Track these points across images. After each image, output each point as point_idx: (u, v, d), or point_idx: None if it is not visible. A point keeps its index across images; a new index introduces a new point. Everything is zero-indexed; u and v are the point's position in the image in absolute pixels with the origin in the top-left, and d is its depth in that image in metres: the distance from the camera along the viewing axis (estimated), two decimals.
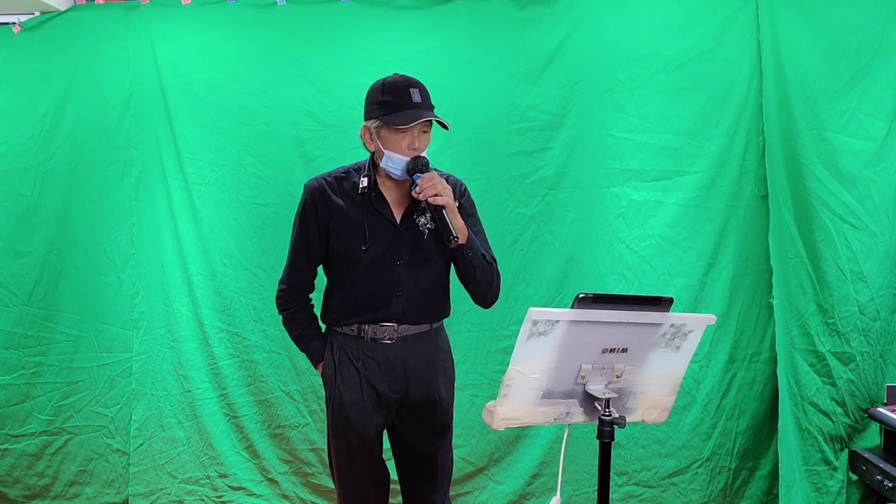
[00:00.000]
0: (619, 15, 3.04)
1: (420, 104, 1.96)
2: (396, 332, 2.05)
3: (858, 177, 2.90)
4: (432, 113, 1.97)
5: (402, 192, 2.06)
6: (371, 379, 2.05)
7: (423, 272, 2.06)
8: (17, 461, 3.28)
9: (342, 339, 2.09)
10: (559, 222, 3.08)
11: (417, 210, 2.06)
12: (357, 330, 2.06)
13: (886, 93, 2.90)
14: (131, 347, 3.23)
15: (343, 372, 2.07)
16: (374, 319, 2.04)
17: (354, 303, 2.05)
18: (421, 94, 1.98)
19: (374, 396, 2.06)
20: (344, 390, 2.06)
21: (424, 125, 1.98)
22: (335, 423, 2.09)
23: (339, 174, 2.11)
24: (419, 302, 2.05)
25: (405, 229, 2.04)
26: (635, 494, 3.07)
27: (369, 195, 2.04)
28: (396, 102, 1.96)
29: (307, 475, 3.19)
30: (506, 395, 1.63)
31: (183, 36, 3.20)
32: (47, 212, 3.24)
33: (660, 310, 1.66)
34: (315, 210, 2.06)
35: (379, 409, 2.07)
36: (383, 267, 2.03)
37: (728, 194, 3.01)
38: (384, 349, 2.05)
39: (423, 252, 2.05)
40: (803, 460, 2.97)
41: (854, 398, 2.95)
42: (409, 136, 1.97)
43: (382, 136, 1.99)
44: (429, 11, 3.12)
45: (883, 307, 2.92)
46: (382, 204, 2.05)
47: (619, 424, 1.65)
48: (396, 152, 1.97)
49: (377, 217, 2.04)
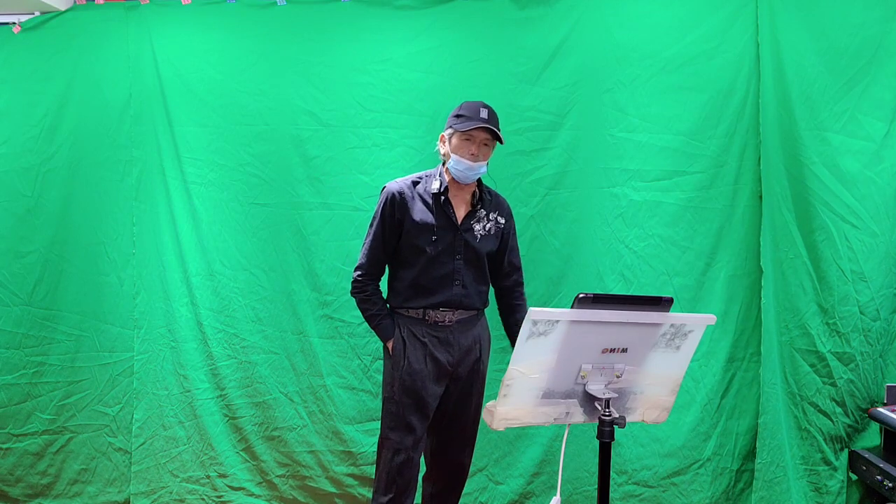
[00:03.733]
0: (619, 15, 3.04)
1: (486, 120, 2.37)
2: (454, 316, 2.46)
3: (859, 177, 2.90)
4: (488, 122, 2.36)
5: (465, 199, 2.49)
6: (435, 352, 2.45)
7: (475, 267, 2.48)
8: (19, 460, 3.28)
9: (408, 320, 2.48)
10: (559, 222, 3.08)
11: (475, 217, 2.47)
12: (422, 314, 2.45)
13: (886, 93, 2.90)
14: (132, 347, 3.23)
15: (411, 346, 2.46)
16: (436, 305, 2.43)
17: (420, 288, 2.44)
18: (489, 114, 2.39)
19: (435, 367, 2.46)
20: (413, 361, 2.45)
21: (487, 139, 2.39)
22: (402, 386, 2.45)
23: (414, 179, 2.50)
24: (471, 291, 2.47)
25: (464, 230, 2.45)
26: (635, 494, 3.07)
27: (440, 197, 2.44)
28: (467, 116, 2.39)
29: (305, 478, 3.19)
30: (506, 395, 1.63)
31: (183, 36, 3.20)
32: (48, 212, 3.25)
33: (660, 310, 1.67)
34: (392, 208, 2.43)
35: (437, 380, 2.47)
36: (445, 259, 2.43)
37: (727, 194, 3.02)
38: (444, 330, 2.46)
39: (476, 251, 2.47)
40: (803, 460, 2.98)
41: (854, 398, 2.95)
42: (473, 144, 2.38)
43: (453, 143, 2.41)
44: (429, 11, 3.12)
45: (883, 307, 2.92)
46: (449, 206, 2.45)
47: (618, 424, 1.65)
48: (460, 157, 2.38)
49: (444, 216, 2.44)
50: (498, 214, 2.53)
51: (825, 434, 2.96)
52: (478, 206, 2.47)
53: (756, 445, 2.95)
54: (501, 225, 2.54)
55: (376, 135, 3.12)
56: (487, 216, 2.50)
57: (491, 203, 2.53)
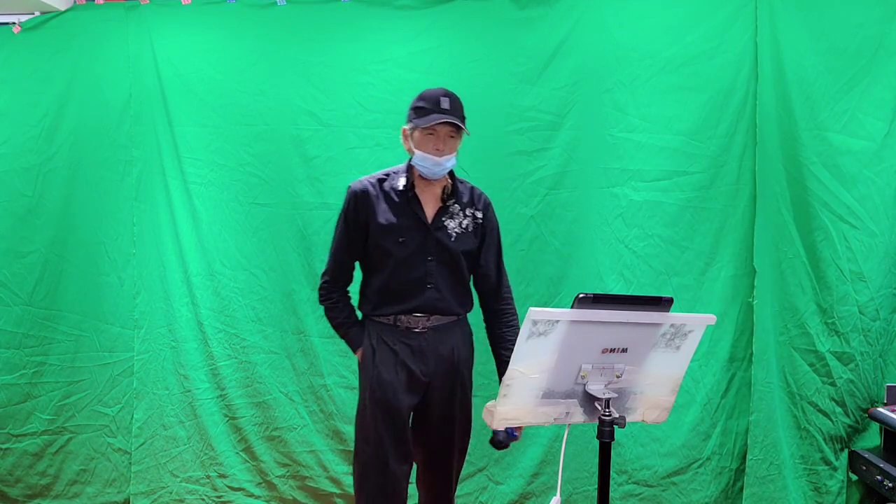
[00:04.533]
0: (619, 15, 3.04)
1: (447, 111, 2.17)
2: (428, 322, 2.26)
3: (858, 177, 2.90)
4: (454, 117, 2.16)
5: (435, 194, 2.28)
6: (406, 361, 2.25)
7: (451, 268, 2.27)
8: (18, 460, 3.28)
9: (379, 327, 2.29)
10: (559, 222, 3.08)
11: (447, 214, 2.27)
12: (393, 320, 2.26)
13: (886, 93, 2.90)
14: (132, 347, 3.23)
15: (381, 354, 2.27)
16: (408, 310, 2.24)
17: (391, 293, 2.26)
18: (451, 103, 2.19)
19: (407, 377, 2.25)
20: (382, 370, 2.25)
21: (452, 131, 2.19)
22: (372, 398, 2.26)
23: (380, 176, 2.31)
24: (447, 295, 2.27)
25: (435, 229, 2.25)
26: (635, 493, 3.07)
27: (406, 194, 2.25)
28: (427, 108, 2.18)
29: (304, 478, 3.19)
30: (506, 395, 1.63)
31: (183, 36, 3.20)
32: (48, 212, 3.25)
33: (660, 310, 1.66)
34: (356, 209, 2.26)
35: (409, 391, 2.26)
36: (415, 262, 2.24)
37: (727, 194, 3.02)
38: (417, 337, 2.26)
39: (451, 251, 2.26)
40: (802, 459, 2.98)
41: (854, 398, 2.95)
42: (435, 138, 2.18)
43: (415, 138, 2.21)
44: (429, 11, 3.12)
45: (883, 307, 2.92)
46: (416, 204, 2.25)
47: (618, 424, 1.65)
48: (424, 152, 2.18)
49: (412, 215, 2.24)
50: (475, 209, 2.32)
51: (825, 434, 2.96)
52: (449, 201, 2.27)
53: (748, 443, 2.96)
54: (480, 220, 2.31)
55: (376, 135, 3.12)
56: (463, 212, 2.29)
57: (466, 197, 2.32)
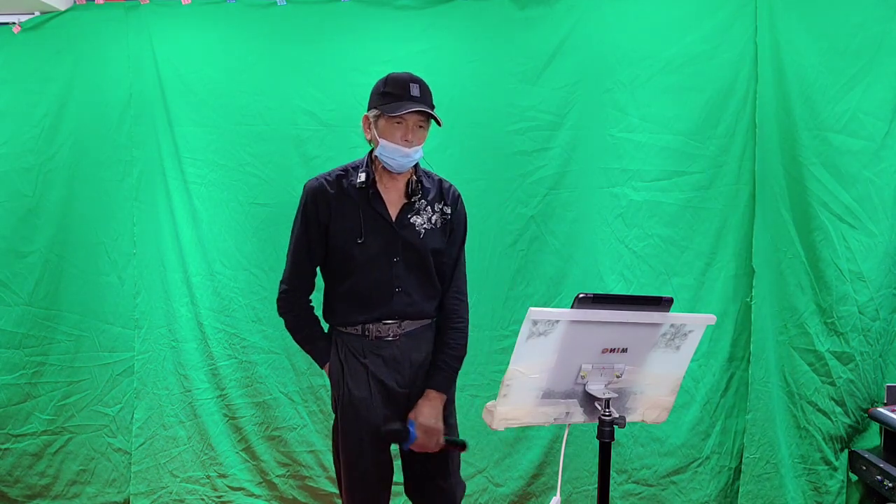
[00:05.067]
0: (619, 15, 3.04)
1: (417, 98, 2.00)
2: (399, 329, 2.08)
3: (858, 177, 2.90)
4: (425, 106, 2.00)
5: (399, 190, 2.11)
6: (378, 374, 2.07)
7: (421, 269, 2.10)
8: (18, 461, 3.28)
9: (346, 338, 2.11)
10: (559, 222, 3.08)
11: (413, 210, 2.09)
12: (361, 330, 2.08)
13: (886, 92, 2.90)
14: (132, 347, 3.23)
15: (350, 369, 2.09)
16: (377, 318, 2.07)
17: (356, 301, 2.08)
18: (421, 90, 2.03)
19: (382, 392, 2.07)
20: (353, 387, 2.07)
21: (421, 121, 2.03)
22: (344, 419, 2.09)
23: (338, 172, 2.14)
24: (417, 297, 2.09)
25: (401, 227, 2.08)
26: (635, 493, 3.07)
27: (367, 191, 2.07)
28: (395, 94, 2.01)
29: (305, 478, 3.19)
30: (506, 395, 1.63)
31: (183, 36, 3.20)
32: (48, 212, 3.24)
33: (660, 310, 1.66)
34: (315, 209, 2.08)
35: (388, 405, 2.08)
36: (380, 264, 2.06)
37: (727, 194, 3.02)
38: (389, 346, 2.08)
39: (419, 251, 2.08)
40: (801, 459, 2.98)
41: (854, 398, 2.95)
42: (404, 127, 2.01)
43: (380, 127, 2.04)
44: (429, 11, 3.12)
45: (882, 307, 2.92)
46: (378, 201, 2.08)
47: (618, 424, 1.65)
48: (391, 142, 2.01)
49: (373, 214, 2.07)
50: (444, 204, 2.13)
51: (824, 433, 2.96)
52: (415, 197, 2.09)
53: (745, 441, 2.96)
54: (448, 216, 2.13)
55: None
56: (430, 207, 2.11)
57: (433, 191, 2.13)
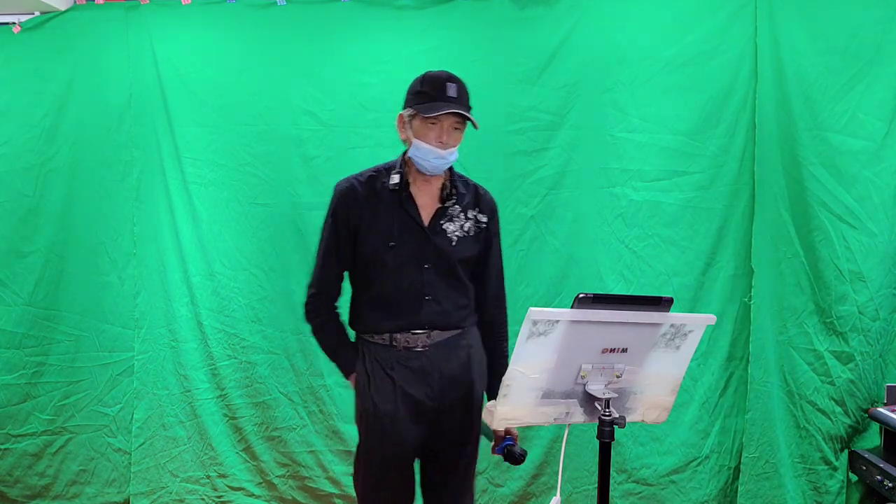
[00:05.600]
0: (619, 15, 3.04)
1: (454, 99, 1.93)
2: (429, 339, 1.99)
3: (857, 177, 2.90)
4: (462, 108, 1.93)
5: (433, 194, 2.03)
6: (407, 387, 1.97)
7: (451, 277, 2.01)
8: (17, 461, 3.28)
9: (373, 349, 2.02)
10: (559, 222, 3.08)
11: (446, 216, 2.02)
12: (389, 339, 1.99)
13: (886, 93, 2.90)
14: (132, 347, 3.23)
15: (377, 382, 1.99)
16: (405, 327, 1.98)
17: (384, 308, 2.00)
18: (458, 90, 1.95)
19: (410, 406, 1.98)
20: (378, 401, 1.98)
21: (457, 122, 1.95)
22: (369, 435, 2.00)
23: (370, 173, 2.05)
24: (448, 307, 2.01)
25: (433, 233, 1.99)
26: (635, 492, 3.07)
27: (399, 193, 1.99)
28: (431, 94, 1.93)
29: (304, 479, 3.19)
30: (506, 395, 1.63)
31: (183, 36, 3.20)
32: (49, 212, 3.24)
33: (660, 310, 1.66)
34: (346, 211, 2.01)
35: (414, 420, 1.98)
36: (410, 270, 1.98)
37: (727, 194, 3.02)
38: (418, 357, 1.98)
39: (451, 259, 2.00)
40: (801, 459, 2.98)
41: (854, 398, 2.95)
42: (439, 128, 1.93)
43: (414, 126, 1.96)
44: (429, 11, 3.12)
45: (882, 307, 2.92)
46: (411, 204, 2.00)
47: (619, 424, 1.65)
48: (425, 143, 1.94)
49: (406, 217, 1.99)
50: (478, 211, 2.06)
51: (824, 433, 2.96)
52: (449, 202, 2.02)
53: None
54: (484, 224, 2.06)
55: (376, 135, 3.12)
56: (464, 213, 2.03)
57: (468, 197, 2.06)
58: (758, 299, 2.95)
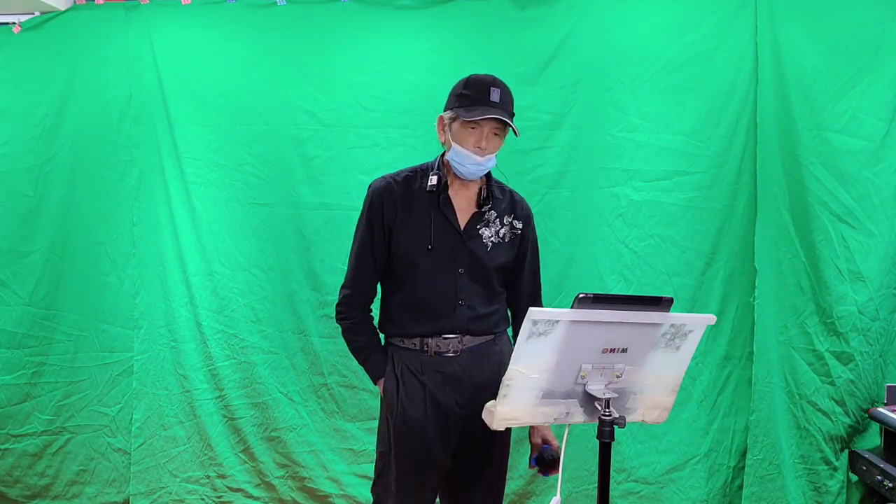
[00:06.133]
0: (619, 15, 3.04)
1: (496, 104, 1.89)
2: (461, 345, 1.97)
3: (857, 177, 2.90)
4: (504, 114, 1.89)
5: (469, 198, 2.01)
6: (437, 394, 1.95)
7: (485, 283, 2.00)
8: (17, 461, 3.28)
9: (403, 354, 2.00)
10: (559, 222, 3.08)
11: (482, 220, 2.00)
12: (420, 344, 1.97)
13: (886, 93, 2.89)
14: (132, 347, 3.23)
15: (407, 388, 1.97)
16: (437, 332, 1.96)
17: (415, 311, 1.97)
18: (501, 95, 1.91)
19: (438, 413, 1.96)
20: (408, 406, 1.96)
21: (497, 128, 1.91)
22: (398, 439, 1.97)
23: (406, 174, 2.03)
24: (482, 312, 1.99)
25: (468, 237, 1.98)
26: (634, 491, 3.07)
27: (437, 195, 1.97)
28: (473, 97, 1.89)
29: (303, 479, 3.18)
30: (506, 395, 1.63)
31: (183, 36, 3.20)
32: (49, 212, 3.24)
33: (660, 310, 1.66)
34: (381, 210, 1.98)
35: (443, 428, 1.97)
36: (444, 273, 1.96)
37: (727, 194, 3.01)
38: (449, 363, 1.96)
39: (485, 264, 1.99)
40: (802, 459, 2.98)
41: (854, 398, 2.95)
42: (478, 133, 1.90)
43: (454, 129, 1.93)
44: (429, 11, 3.12)
45: (882, 307, 2.92)
46: (448, 207, 1.98)
47: (619, 424, 1.65)
48: (463, 147, 1.91)
49: (442, 220, 1.97)
50: (514, 218, 2.05)
51: (824, 433, 2.96)
52: (485, 206, 2.01)
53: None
54: (518, 231, 2.05)
55: (376, 135, 3.12)
56: (500, 219, 2.02)
57: (504, 203, 2.06)
58: (759, 299, 2.95)
